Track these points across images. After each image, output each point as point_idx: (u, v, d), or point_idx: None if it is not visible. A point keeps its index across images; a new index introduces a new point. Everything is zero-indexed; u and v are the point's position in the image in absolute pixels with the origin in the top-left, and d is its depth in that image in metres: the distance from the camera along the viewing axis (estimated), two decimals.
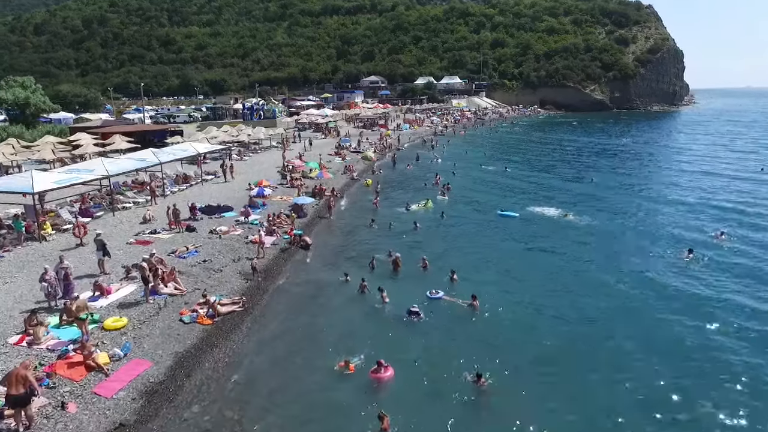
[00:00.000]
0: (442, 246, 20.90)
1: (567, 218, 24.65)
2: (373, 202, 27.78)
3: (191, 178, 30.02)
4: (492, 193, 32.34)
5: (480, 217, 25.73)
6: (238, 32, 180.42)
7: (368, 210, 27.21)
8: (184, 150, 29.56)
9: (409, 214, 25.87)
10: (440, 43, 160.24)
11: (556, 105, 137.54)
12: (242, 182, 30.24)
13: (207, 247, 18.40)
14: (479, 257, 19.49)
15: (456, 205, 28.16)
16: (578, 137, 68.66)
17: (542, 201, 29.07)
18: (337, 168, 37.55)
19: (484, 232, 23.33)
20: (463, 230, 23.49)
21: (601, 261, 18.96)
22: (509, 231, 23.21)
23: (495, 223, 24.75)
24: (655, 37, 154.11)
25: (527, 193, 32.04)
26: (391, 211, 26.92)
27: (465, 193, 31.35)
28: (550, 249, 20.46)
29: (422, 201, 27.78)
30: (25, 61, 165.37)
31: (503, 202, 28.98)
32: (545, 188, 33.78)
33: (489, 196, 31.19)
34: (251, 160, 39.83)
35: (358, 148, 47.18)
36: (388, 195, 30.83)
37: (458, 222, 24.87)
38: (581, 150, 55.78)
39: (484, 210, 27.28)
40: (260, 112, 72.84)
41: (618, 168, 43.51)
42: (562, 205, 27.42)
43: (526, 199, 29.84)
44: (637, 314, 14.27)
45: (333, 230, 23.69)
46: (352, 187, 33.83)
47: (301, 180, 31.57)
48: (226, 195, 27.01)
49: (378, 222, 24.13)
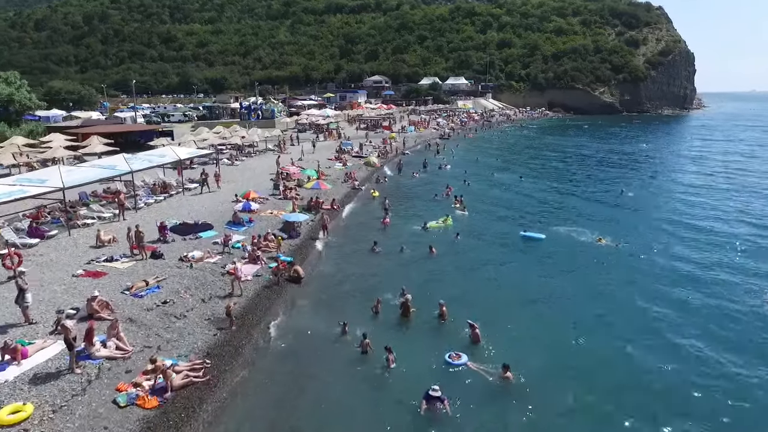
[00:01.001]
0: (460, 280, 17.39)
1: (601, 243, 21.07)
2: (382, 221, 24.14)
3: (171, 187, 26.59)
4: (510, 206, 28.78)
5: (501, 239, 22.21)
6: (240, 30, 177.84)
7: (373, 228, 23.60)
8: (163, 155, 26.14)
9: (425, 234, 22.41)
10: (445, 42, 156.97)
11: (564, 107, 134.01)
12: (230, 192, 26.83)
13: (173, 280, 14.98)
14: (506, 296, 15.99)
15: (473, 222, 24.78)
16: (592, 142, 64.94)
17: (568, 218, 25.56)
18: (337, 175, 34.07)
19: (508, 259, 19.72)
20: (483, 256, 19.85)
21: (660, 303, 15.37)
22: (536, 258, 19.66)
23: (519, 246, 21.27)
24: (666, 39, 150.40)
25: (549, 208, 28.44)
26: (403, 229, 23.44)
27: (480, 206, 27.80)
28: (591, 286, 16.89)
29: (441, 218, 24.24)
30: (24, 57, 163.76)
31: (524, 218, 25.50)
32: (569, 202, 30.05)
33: (507, 210, 27.67)
34: (243, 165, 36.40)
35: (360, 152, 43.69)
36: (396, 208, 27.33)
37: (477, 244, 21.38)
38: (599, 157, 51.90)
39: (505, 229, 23.76)
40: (258, 111, 69.53)
41: (646, 178, 39.47)
42: (592, 225, 23.89)
43: (549, 216, 26.31)
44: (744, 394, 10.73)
45: (330, 255, 20.05)
46: (353, 198, 30.24)
47: (296, 190, 28.13)
48: (209, 208, 23.62)
49: (387, 244, 20.65)
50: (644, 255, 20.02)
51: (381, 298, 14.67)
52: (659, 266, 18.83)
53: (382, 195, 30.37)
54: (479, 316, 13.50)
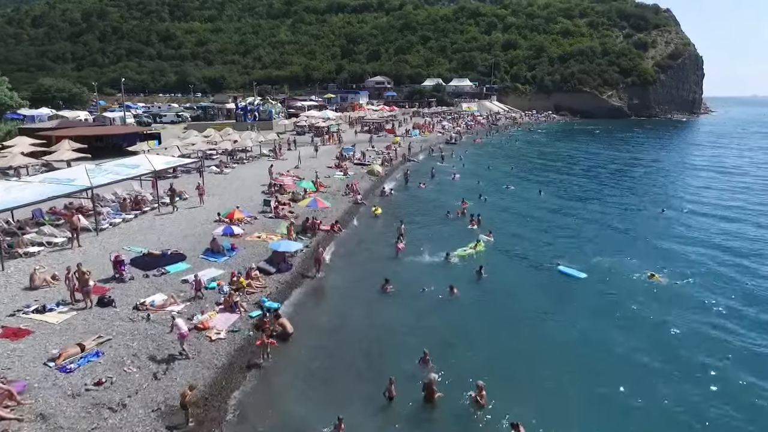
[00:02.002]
0: (492, 335, 13.77)
1: (656, 281, 17.44)
2: (396, 247, 20.28)
3: (145, 203, 22.94)
4: (536, 227, 25.00)
5: (533, 275, 18.43)
6: (240, 28, 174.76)
7: (382, 257, 19.92)
8: (136, 165, 22.53)
9: (444, 266, 18.70)
10: (449, 43, 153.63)
11: (571, 111, 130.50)
12: (213, 208, 23.23)
13: (120, 341, 11.41)
14: (554, 363, 12.25)
15: (497, 251, 20.92)
16: (608, 150, 60.98)
17: (606, 245, 21.71)
18: (337, 187, 30.42)
19: (547, 305, 15.87)
20: (516, 300, 16.18)
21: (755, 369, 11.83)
22: (582, 305, 15.79)
23: (556, 285, 17.56)
24: (675, 41, 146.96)
25: (582, 231, 24.55)
26: (418, 259, 19.52)
27: (501, 227, 23.94)
28: (661, 346, 13.18)
29: (470, 244, 20.47)
30: (20, 53, 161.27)
31: (555, 245, 21.72)
32: (602, 223, 26.10)
33: (533, 233, 23.92)
34: (233, 174, 32.78)
35: (363, 159, 40.04)
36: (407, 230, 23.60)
37: (505, 282, 17.61)
38: (620, 166, 47.80)
39: (535, 260, 19.96)
40: (255, 113, 65.99)
41: (682, 193, 35.03)
42: (637, 254, 20.20)
43: (584, 242, 22.50)
44: None
45: (329, 296, 16.43)
46: (356, 214, 26.59)
47: (290, 206, 24.53)
48: (185, 230, 19.98)
49: (401, 279, 17.01)
50: (713, 297, 16.34)
51: (395, 378, 10.76)
52: (737, 314, 15.20)
53: (390, 213, 26.68)
54: (524, 400, 9.91)
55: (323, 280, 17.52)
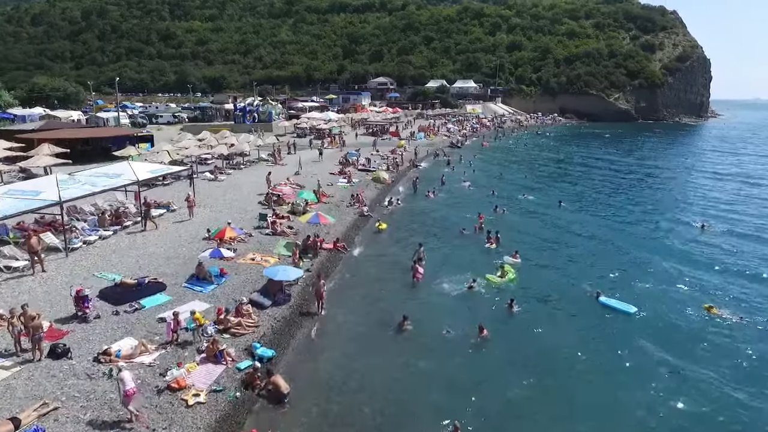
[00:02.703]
0: (530, 392, 11.34)
1: (715, 315, 14.92)
2: (413, 275, 17.41)
3: (128, 216, 20.42)
4: (562, 246, 22.26)
5: (571, 308, 15.73)
6: (241, 28, 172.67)
7: (395, 284, 17.26)
8: (117, 174, 20.02)
9: (468, 296, 16.21)
10: (453, 44, 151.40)
11: (577, 114, 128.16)
12: (204, 222, 20.78)
13: (71, 410, 8.93)
14: None
15: (524, 276, 18.18)
16: (624, 156, 57.82)
17: (646, 270, 18.93)
18: (341, 196, 27.91)
19: (595, 353, 13.07)
20: (554, 341, 13.47)
21: None
22: (634, 350, 13.09)
23: (601, 322, 14.85)
24: (683, 44, 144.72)
25: (614, 253, 21.63)
26: (437, 288, 16.90)
27: (524, 247, 21.32)
28: (728, 403, 10.85)
29: (498, 269, 17.91)
30: (19, 52, 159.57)
31: (590, 270, 19.07)
32: (634, 241, 23.29)
33: (561, 253, 21.29)
34: (228, 181, 30.30)
35: (367, 165, 37.53)
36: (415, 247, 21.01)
37: (540, 319, 14.94)
38: (641, 175, 44.40)
39: (571, 288, 17.23)
40: (255, 114, 63.58)
41: (715, 204, 32.43)
42: (686, 280, 17.67)
43: (619, 265, 19.73)
44: None
45: (330, 345, 13.48)
46: (361, 228, 24.04)
47: (289, 219, 22.05)
48: (168, 250, 17.49)
49: (420, 316, 14.47)
50: None
51: None
52: None
53: (397, 227, 24.06)
54: None
55: (327, 318, 14.71)
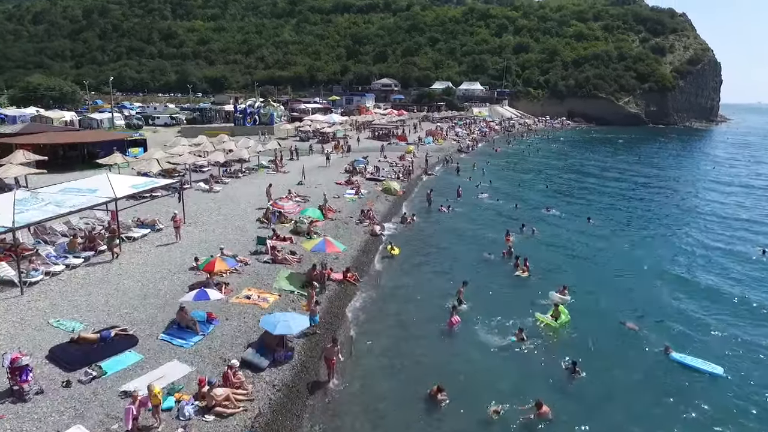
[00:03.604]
0: None
1: None
2: (447, 321, 14.46)
3: (103, 239, 17.63)
4: (604, 274, 19.14)
5: (637, 365, 12.64)
6: (244, 28, 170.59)
7: (422, 333, 14.10)
8: (91, 189, 17.31)
9: (520, 354, 13.16)
10: (459, 45, 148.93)
11: (585, 117, 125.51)
12: (192, 246, 18.09)
13: None
14: None
15: (577, 320, 14.97)
16: (645, 166, 53.49)
17: (711, 308, 16.03)
18: (349, 211, 25.13)
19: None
20: (632, 424, 10.42)
21: None
22: None
23: (681, 390, 11.69)
24: (694, 47, 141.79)
25: (670, 287, 18.11)
26: (476, 339, 13.79)
27: (561, 276, 18.20)
28: None
29: (549, 310, 15.02)
30: (19, 50, 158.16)
31: (641, 304, 16.26)
32: (686, 269, 20.10)
33: (603, 282, 18.28)
34: (225, 192, 27.58)
35: (376, 173, 34.77)
36: (437, 280, 17.83)
37: (606, 386, 11.77)
38: (668, 186, 40.27)
39: (631, 338, 14.01)
40: (255, 116, 60.96)
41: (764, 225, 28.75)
42: (764, 325, 14.83)
43: (680, 300, 16.63)
44: None
45: (350, 425, 10.22)
46: (374, 252, 20.75)
47: (291, 242, 19.30)
48: (146, 285, 14.54)
49: (456, 385, 11.35)
50: None
51: None
52: None
53: (412, 251, 20.89)
54: None
55: (339, 390, 11.41)
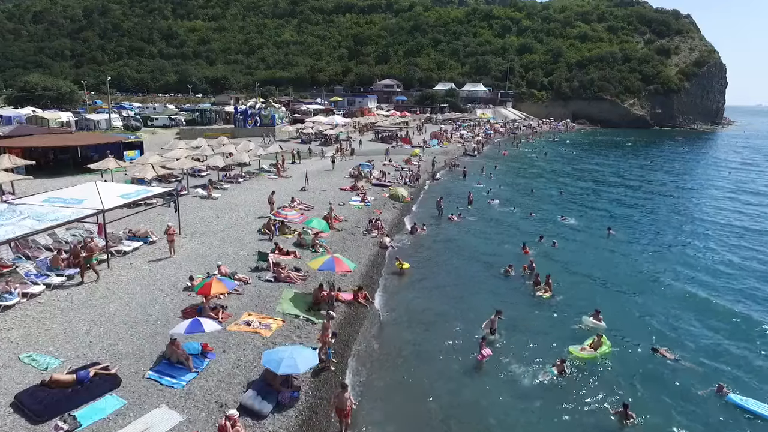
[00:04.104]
0: None
1: None
2: (480, 352, 12.60)
3: (93, 252, 16.08)
4: (632, 294, 17.34)
5: (691, 408, 11.06)
6: (245, 28, 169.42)
7: (444, 367, 12.29)
8: (77, 199, 15.77)
9: (560, 390, 11.59)
10: (461, 46, 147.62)
11: (590, 120, 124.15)
12: (190, 259, 16.59)
13: None
14: None
15: (617, 349, 13.33)
16: (658, 171, 50.97)
17: (761, 333, 14.63)
18: (356, 220, 23.60)
19: None
20: None
21: None
22: None
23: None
24: (700, 48, 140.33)
25: (704, 302, 16.83)
26: (508, 376, 12.09)
27: (587, 296, 16.50)
28: None
29: (588, 339, 13.40)
30: (18, 49, 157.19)
31: (681, 332, 14.66)
32: (723, 285, 18.46)
33: (633, 302, 16.48)
34: (224, 199, 26.08)
35: (382, 178, 33.24)
36: (454, 302, 16.03)
37: (660, 429, 10.31)
38: (692, 200, 37.14)
39: (676, 373, 12.40)
40: (256, 117, 59.53)
41: None
42: None
43: (724, 327, 15.02)
44: None
45: None
46: (383, 266, 18.93)
47: (296, 256, 17.79)
48: (135, 310, 12.75)
49: None
50: None
51: None
52: None
53: (423, 266, 19.30)
54: None
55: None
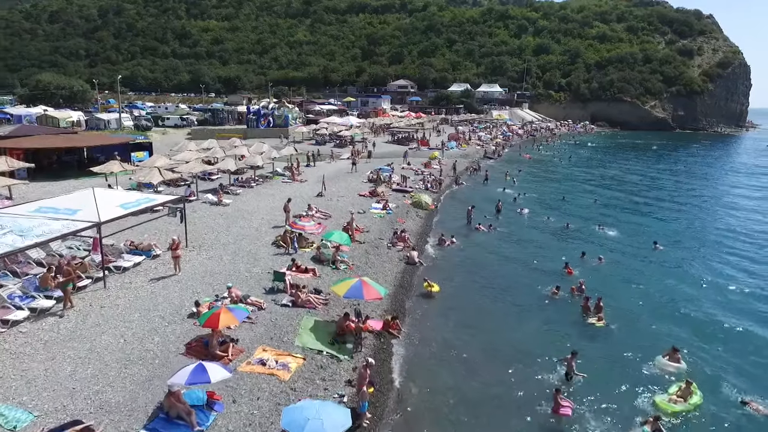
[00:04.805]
0: None
1: None
2: (558, 404, 10.27)
3: (86, 270, 14.19)
4: (694, 321, 14.95)
5: None
6: (258, 27, 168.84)
7: (509, 426, 10.05)
8: (71, 210, 13.80)
9: None
10: (477, 47, 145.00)
11: (609, 122, 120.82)
12: (196, 277, 14.67)
13: None
14: None
15: (709, 401, 10.96)
16: (691, 176, 47.93)
17: None
18: (378, 231, 21.46)
19: None
20: None
21: None
22: None
23: None
24: (724, 49, 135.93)
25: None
26: None
27: (644, 326, 14.29)
28: None
29: (674, 386, 11.21)
30: (34, 49, 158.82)
31: (755, 371, 12.52)
32: None
33: (698, 333, 14.20)
34: (236, 205, 24.22)
35: (403, 183, 31.12)
36: (488, 334, 13.74)
37: None
38: (735, 203, 35.02)
39: None
40: (269, 117, 57.89)
41: None
42: None
43: None
44: None
45: None
46: (412, 287, 16.63)
47: (315, 274, 15.76)
48: (128, 346, 10.60)
49: None
50: None
51: None
52: None
53: (455, 287, 17.02)
54: None
55: None
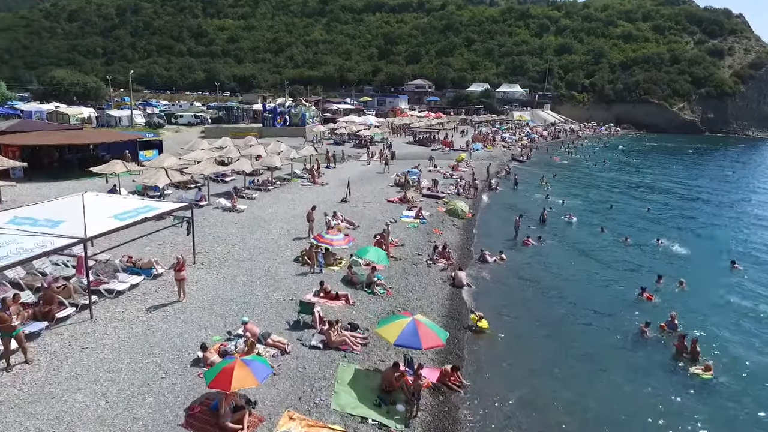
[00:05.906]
0: None
1: None
2: None
3: (69, 296, 11.59)
4: None
5: None
6: (273, 26, 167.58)
7: None
8: (53, 221, 11.28)
9: None
10: (496, 46, 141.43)
11: (635, 124, 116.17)
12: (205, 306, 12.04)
13: None
14: None
15: None
16: (748, 187, 43.59)
17: None
18: (414, 243, 18.67)
19: None
20: None
21: None
22: None
23: None
24: (756, 49, 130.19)
25: None
26: None
27: (760, 377, 11.65)
28: None
29: None
30: (52, 47, 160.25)
31: None
32: None
33: None
34: (252, 211, 21.64)
35: (434, 188, 28.24)
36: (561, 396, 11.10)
37: None
38: None
39: None
40: (286, 116, 55.54)
41: None
42: None
43: None
44: None
45: None
46: (462, 320, 13.36)
47: (347, 302, 12.99)
48: (112, 410, 7.94)
49: None
50: None
51: None
52: None
53: (512, 325, 14.04)
54: None
55: None
